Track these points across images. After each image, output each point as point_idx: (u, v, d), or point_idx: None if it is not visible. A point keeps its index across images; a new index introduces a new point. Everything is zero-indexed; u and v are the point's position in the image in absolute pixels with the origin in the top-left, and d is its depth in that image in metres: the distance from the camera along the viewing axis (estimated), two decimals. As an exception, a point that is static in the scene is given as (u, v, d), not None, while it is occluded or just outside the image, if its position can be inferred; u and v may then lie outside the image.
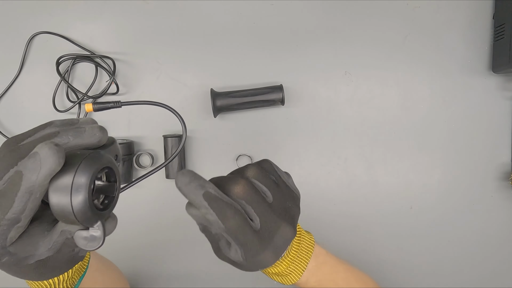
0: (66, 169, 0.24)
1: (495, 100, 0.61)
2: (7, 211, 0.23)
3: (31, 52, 0.62)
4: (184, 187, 0.28)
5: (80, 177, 0.24)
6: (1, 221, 0.23)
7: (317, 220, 0.63)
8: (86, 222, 0.25)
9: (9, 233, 0.24)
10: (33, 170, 0.23)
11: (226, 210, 0.28)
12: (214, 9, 0.61)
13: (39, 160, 0.22)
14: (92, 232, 0.25)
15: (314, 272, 0.41)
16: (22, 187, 0.23)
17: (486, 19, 0.61)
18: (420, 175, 0.62)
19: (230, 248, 0.32)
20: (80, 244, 0.26)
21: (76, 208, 0.24)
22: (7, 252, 0.25)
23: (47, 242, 0.27)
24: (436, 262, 0.63)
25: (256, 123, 0.62)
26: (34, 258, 0.26)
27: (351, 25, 0.61)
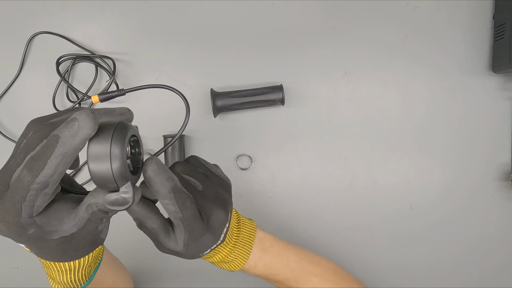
0: (101, 137, 0.25)
1: (495, 100, 0.61)
2: (37, 174, 0.24)
3: (31, 52, 0.62)
4: (155, 178, 0.29)
5: (117, 141, 0.25)
6: (31, 185, 0.24)
7: (317, 220, 0.63)
8: (120, 184, 0.26)
9: (36, 200, 0.25)
10: (70, 134, 0.24)
11: (186, 201, 0.31)
12: (214, 9, 0.61)
13: (77, 124, 0.24)
14: (122, 194, 0.27)
15: (261, 256, 0.42)
16: (57, 150, 0.24)
17: (486, 19, 0.61)
18: (420, 175, 0.62)
19: (170, 240, 0.34)
20: (111, 205, 0.27)
21: (116, 171, 0.25)
22: (34, 222, 0.26)
23: (72, 219, 0.28)
24: (436, 262, 0.63)
25: (256, 123, 0.62)
26: (58, 233, 0.27)
27: (351, 25, 0.61)
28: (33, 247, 0.27)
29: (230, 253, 0.39)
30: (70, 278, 0.33)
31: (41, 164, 0.24)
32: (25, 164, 0.24)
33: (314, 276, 0.45)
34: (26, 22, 0.61)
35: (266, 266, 0.42)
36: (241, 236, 0.40)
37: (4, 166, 0.26)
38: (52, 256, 0.29)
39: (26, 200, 0.24)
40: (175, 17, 0.61)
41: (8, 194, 0.24)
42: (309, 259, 0.46)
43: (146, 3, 0.61)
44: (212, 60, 0.62)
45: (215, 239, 0.35)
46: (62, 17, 0.61)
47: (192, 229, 0.32)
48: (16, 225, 0.25)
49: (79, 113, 0.24)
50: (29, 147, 0.25)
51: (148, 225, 0.33)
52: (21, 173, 0.24)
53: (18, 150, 0.26)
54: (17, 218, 0.25)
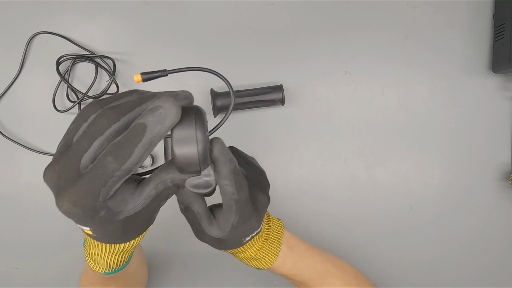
0: (184, 122, 0.26)
1: (495, 100, 0.61)
2: (124, 162, 0.24)
3: (31, 52, 0.62)
4: (220, 157, 0.29)
5: (200, 126, 0.26)
6: (116, 171, 0.24)
7: (317, 220, 0.63)
8: (203, 167, 0.27)
9: (116, 185, 0.25)
10: (157, 122, 0.24)
11: (243, 183, 0.32)
12: (214, 9, 0.61)
13: (164, 112, 0.24)
14: (204, 177, 0.28)
15: (289, 254, 0.43)
16: (145, 138, 0.24)
17: (486, 19, 0.61)
18: (420, 175, 0.62)
19: (212, 226, 0.35)
20: (194, 188, 0.28)
21: (201, 155, 0.26)
22: (106, 206, 0.26)
23: (135, 198, 0.28)
24: (436, 262, 0.63)
25: (256, 123, 0.62)
26: (123, 214, 0.28)
27: (351, 25, 0.61)
28: (98, 230, 0.28)
29: (261, 249, 0.40)
30: (115, 259, 0.34)
31: (128, 152, 0.24)
32: (109, 151, 0.24)
33: (337, 279, 0.46)
34: (26, 22, 0.61)
35: (293, 265, 0.43)
36: (271, 233, 0.41)
37: (65, 151, 0.25)
38: (115, 238, 0.30)
39: (106, 186, 0.25)
40: (175, 17, 0.61)
41: (85, 179, 0.24)
42: (332, 261, 0.47)
43: (146, 3, 0.61)
44: (212, 60, 0.62)
45: (259, 222, 0.36)
46: (62, 17, 0.61)
47: (243, 211, 0.33)
48: (91, 208, 0.25)
49: (163, 100, 0.24)
50: (97, 131, 0.24)
51: (195, 208, 0.34)
52: (104, 159, 0.24)
53: (82, 133, 0.25)
54: (93, 202, 0.25)
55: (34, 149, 0.62)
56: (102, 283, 0.42)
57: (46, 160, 0.62)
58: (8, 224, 0.64)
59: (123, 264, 0.36)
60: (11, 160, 0.63)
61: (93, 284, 0.43)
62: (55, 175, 0.25)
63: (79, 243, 0.60)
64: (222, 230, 0.35)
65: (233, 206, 0.32)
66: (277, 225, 0.43)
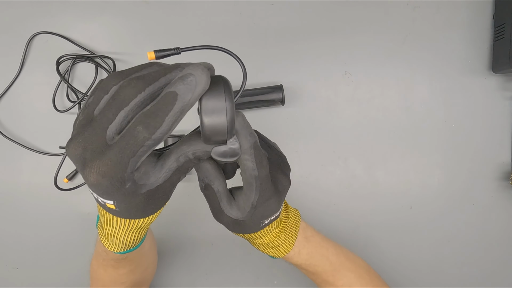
0: (213, 91, 0.26)
1: (495, 100, 0.61)
2: (155, 131, 0.24)
3: (31, 52, 0.62)
4: (241, 130, 0.29)
5: (228, 95, 0.26)
6: (146, 141, 0.24)
7: (317, 220, 0.63)
8: (229, 136, 0.27)
9: (145, 155, 0.25)
10: (188, 90, 0.24)
11: (263, 160, 0.31)
12: (214, 9, 0.61)
13: (194, 80, 0.24)
14: (230, 145, 0.28)
15: (305, 244, 0.43)
16: (176, 107, 0.24)
17: (486, 19, 0.61)
18: (420, 175, 0.62)
19: (231, 207, 0.34)
20: (220, 157, 0.28)
21: (230, 124, 0.26)
22: (132, 177, 0.26)
23: (157, 171, 0.28)
24: (436, 262, 0.63)
25: (256, 123, 0.62)
26: (146, 187, 0.28)
27: (351, 25, 0.61)
28: (122, 203, 0.28)
29: (278, 237, 0.39)
30: (131, 237, 0.34)
31: (159, 121, 0.23)
32: (139, 121, 0.24)
33: (350, 272, 0.46)
34: (26, 22, 0.61)
35: (308, 255, 0.43)
36: (289, 222, 0.41)
37: (88, 124, 0.25)
38: (136, 212, 0.30)
39: (135, 155, 0.24)
40: (175, 17, 0.61)
41: (114, 149, 0.24)
42: (345, 254, 0.47)
43: (146, 3, 0.61)
44: (212, 60, 0.62)
45: (278, 204, 0.35)
46: (62, 17, 0.61)
47: (263, 190, 0.32)
48: (119, 179, 0.25)
49: (193, 68, 0.24)
50: (122, 102, 0.24)
51: (215, 187, 0.34)
52: (134, 129, 0.24)
53: (105, 105, 0.24)
54: (122, 173, 0.24)
55: (34, 149, 0.62)
56: (114, 265, 0.42)
57: (46, 160, 0.62)
58: (8, 224, 0.64)
59: (138, 242, 0.36)
60: (11, 160, 0.63)
61: (105, 267, 0.43)
62: (80, 147, 0.25)
63: (79, 243, 0.60)
64: (241, 210, 0.34)
65: (253, 184, 0.32)
66: (295, 214, 0.43)
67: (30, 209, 0.63)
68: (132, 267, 0.44)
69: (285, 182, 0.35)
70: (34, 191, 0.63)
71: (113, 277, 0.44)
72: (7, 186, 0.63)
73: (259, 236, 0.38)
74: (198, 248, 0.63)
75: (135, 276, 0.46)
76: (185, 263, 0.63)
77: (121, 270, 0.43)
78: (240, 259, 0.63)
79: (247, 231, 0.36)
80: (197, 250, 0.63)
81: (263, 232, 0.37)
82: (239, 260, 0.63)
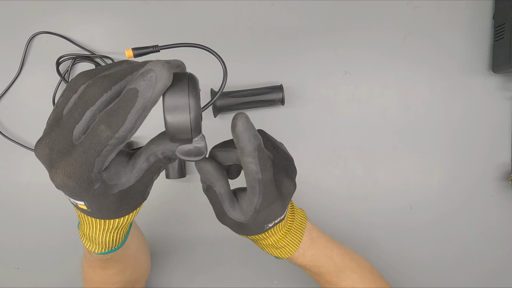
0: (176, 88, 0.25)
1: (495, 100, 0.61)
2: (117, 129, 0.23)
3: (31, 52, 0.62)
4: (244, 132, 0.28)
5: (192, 92, 0.25)
6: (109, 140, 0.23)
7: (317, 220, 0.63)
8: (194, 135, 0.26)
9: (111, 154, 0.25)
10: (148, 86, 0.23)
11: (267, 163, 0.30)
12: (214, 9, 0.61)
13: (155, 76, 0.23)
14: (196, 144, 0.27)
15: (310, 246, 0.42)
16: (137, 104, 0.23)
17: (486, 19, 0.61)
18: (420, 175, 0.62)
19: (234, 209, 0.34)
20: (185, 155, 0.27)
21: (193, 122, 0.25)
22: (101, 177, 0.26)
23: (128, 172, 0.28)
24: (436, 262, 0.63)
25: (256, 123, 0.62)
26: (117, 187, 0.27)
27: (351, 25, 0.61)
28: (93, 204, 0.27)
29: (283, 238, 0.39)
30: (110, 237, 0.34)
31: (121, 119, 0.23)
32: (101, 120, 0.23)
33: (354, 273, 0.46)
34: (26, 22, 0.61)
35: (313, 256, 0.43)
36: (295, 223, 0.40)
37: (56, 124, 0.25)
38: (109, 213, 0.29)
39: (101, 155, 0.24)
40: (175, 17, 0.61)
41: (78, 150, 0.24)
42: (349, 255, 0.47)
43: (146, 3, 0.61)
44: (212, 60, 0.62)
45: (283, 208, 0.34)
46: (62, 17, 0.61)
47: (266, 194, 0.32)
48: (85, 180, 0.25)
49: (153, 64, 0.24)
50: (88, 101, 0.24)
51: (217, 189, 0.33)
52: (97, 128, 0.23)
53: (72, 105, 0.24)
54: (88, 173, 0.24)
55: (34, 149, 0.62)
56: (101, 266, 0.41)
57: (46, 160, 0.62)
58: (8, 224, 0.64)
59: (119, 243, 0.36)
60: (11, 160, 0.63)
61: (94, 269, 0.43)
62: (47, 148, 0.24)
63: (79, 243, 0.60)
64: (244, 213, 0.33)
65: (256, 187, 0.31)
66: (301, 215, 0.42)
67: (30, 209, 0.63)
68: (121, 268, 0.44)
69: (290, 186, 0.34)
70: (34, 191, 0.63)
71: (102, 278, 0.44)
72: (7, 186, 0.63)
73: (264, 237, 0.37)
74: (198, 248, 0.63)
75: (125, 277, 0.46)
76: (185, 263, 0.63)
77: (110, 271, 0.43)
78: (240, 259, 0.63)
79: (251, 233, 0.36)
80: (197, 250, 0.63)
81: (268, 233, 0.37)
82: (239, 260, 0.63)
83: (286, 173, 0.35)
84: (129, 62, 0.26)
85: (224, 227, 0.37)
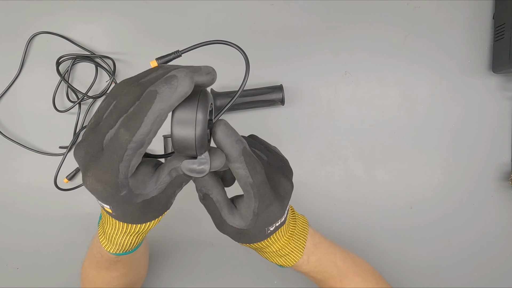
0: (187, 102, 0.25)
1: (495, 100, 0.61)
2: (135, 132, 0.24)
3: (31, 52, 0.62)
4: (225, 139, 0.28)
5: (201, 110, 0.25)
6: (128, 143, 0.24)
7: (317, 220, 0.63)
8: (199, 151, 0.26)
9: (132, 160, 0.25)
10: (169, 90, 0.23)
11: (256, 166, 0.30)
12: (214, 9, 0.61)
13: (176, 82, 0.23)
14: (200, 161, 0.27)
15: (313, 251, 0.42)
16: (154, 106, 0.23)
17: (486, 19, 0.61)
18: (420, 175, 0.62)
19: (234, 216, 0.34)
20: (188, 172, 0.27)
21: (198, 138, 0.25)
22: (127, 184, 0.26)
23: (153, 183, 0.28)
24: (436, 262, 0.63)
25: (256, 123, 0.62)
26: (142, 197, 0.28)
27: (351, 25, 0.61)
28: (119, 209, 0.28)
29: (286, 244, 0.39)
30: (128, 240, 0.34)
31: (138, 121, 0.23)
32: (122, 123, 0.24)
33: (358, 276, 0.45)
34: (26, 22, 0.61)
35: (317, 262, 0.42)
36: (297, 229, 0.40)
37: (92, 129, 0.25)
38: (132, 219, 0.30)
39: (123, 160, 0.24)
40: (175, 17, 0.61)
41: (105, 155, 0.24)
42: (352, 259, 0.47)
43: (146, 3, 0.61)
44: (212, 60, 0.62)
45: (282, 209, 0.34)
46: (62, 17, 0.61)
47: (262, 196, 0.31)
48: (112, 185, 0.25)
49: (178, 70, 0.24)
50: (122, 109, 0.24)
51: (214, 196, 0.33)
52: (118, 132, 0.24)
53: (108, 111, 0.25)
54: (115, 179, 0.25)
55: (34, 149, 0.62)
56: (108, 267, 0.42)
57: (46, 160, 0.62)
58: (8, 224, 0.64)
59: (134, 246, 0.37)
60: (11, 160, 0.63)
61: (98, 270, 0.43)
62: (83, 150, 0.25)
63: (79, 243, 0.60)
64: (244, 219, 0.33)
65: (250, 191, 0.31)
66: (302, 221, 0.42)
67: (30, 209, 0.63)
68: (125, 271, 0.44)
69: (287, 186, 0.34)
70: (34, 191, 0.63)
71: (106, 280, 0.44)
72: (7, 186, 0.63)
73: (267, 244, 0.37)
74: (198, 248, 0.63)
75: (126, 280, 0.46)
76: (185, 263, 0.63)
77: (115, 273, 0.43)
78: (240, 259, 0.63)
79: (253, 240, 0.35)
80: (197, 250, 0.63)
81: (270, 240, 0.37)
82: (239, 260, 0.63)
83: (282, 173, 0.35)
84: (165, 67, 0.27)
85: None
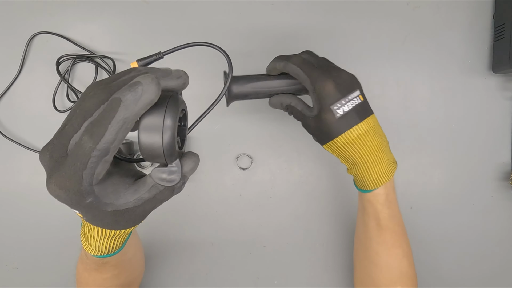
0: (155, 108, 0.24)
1: (495, 100, 0.61)
2: (98, 140, 0.23)
3: (31, 52, 0.62)
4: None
5: (169, 116, 0.24)
6: (92, 151, 0.23)
7: (317, 220, 0.63)
8: (169, 159, 0.26)
9: (97, 168, 0.24)
10: (133, 98, 0.23)
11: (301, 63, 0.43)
12: (214, 9, 0.61)
13: (141, 89, 0.23)
14: (170, 169, 0.27)
15: (391, 192, 0.45)
16: (118, 114, 0.23)
17: (486, 19, 0.61)
18: (420, 175, 0.62)
19: (310, 108, 0.43)
20: (160, 180, 0.27)
21: (166, 146, 0.24)
22: (93, 191, 0.25)
23: (129, 195, 0.27)
24: (436, 262, 0.63)
25: (256, 123, 0.62)
26: (113, 207, 0.27)
27: (351, 25, 0.61)
28: (87, 215, 0.27)
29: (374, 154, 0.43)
30: (107, 243, 0.34)
31: (102, 129, 0.23)
32: (85, 130, 0.23)
33: (399, 248, 0.47)
34: (26, 22, 0.61)
35: (393, 202, 0.45)
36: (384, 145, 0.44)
37: (59, 132, 0.25)
38: (104, 225, 0.29)
39: (87, 168, 0.23)
40: (175, 17, 0.61)
41: (68, 161, 0.23)
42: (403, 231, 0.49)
43: (146, 3, 0.61)
44: (212, 60, 0.62)
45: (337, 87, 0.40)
46: (62, 17, 0.61)
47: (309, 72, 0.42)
48: (76, 192, 0.24)
49: (143, 76, 0.23)
50: (87, 112, 0.23)
51: (294, 103, 0.45)
52: (81, 139, 0.23)
53: (75, 114, 0.24)
54: (78, 186, 0.24)
55: (34, 149, 0.62)
56: (97, 269, 0.41)
57: (46, 160, 0.62)
58: (8, 224, 0.64)
59: (116, 249, 0.36)
60: (11, 160, 0.63)
61: (89, 271, 0.42)
62: (48, 154, 0.24)
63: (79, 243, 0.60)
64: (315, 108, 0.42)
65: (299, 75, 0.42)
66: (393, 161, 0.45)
67: (30, 209, 0.63)
68: (116, 272, 0.44)
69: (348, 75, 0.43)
70: (34, 191, 0.63)
71: (97, 281, 0.44)
72: (7, 186, 0.63)
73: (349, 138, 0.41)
74: (198, 248, 0.63)
75: (119, 281, 0.46)
76: (185, 263, 0.63)
77: (105, 275, 0.43)
78: (240, 259, 0.63)
79: (330, 128, 0.40)
80: (197, 250, 0.63)
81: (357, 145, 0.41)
82: (239, 260, 0.63)
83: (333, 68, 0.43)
84: (137, 70, 0.26)
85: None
